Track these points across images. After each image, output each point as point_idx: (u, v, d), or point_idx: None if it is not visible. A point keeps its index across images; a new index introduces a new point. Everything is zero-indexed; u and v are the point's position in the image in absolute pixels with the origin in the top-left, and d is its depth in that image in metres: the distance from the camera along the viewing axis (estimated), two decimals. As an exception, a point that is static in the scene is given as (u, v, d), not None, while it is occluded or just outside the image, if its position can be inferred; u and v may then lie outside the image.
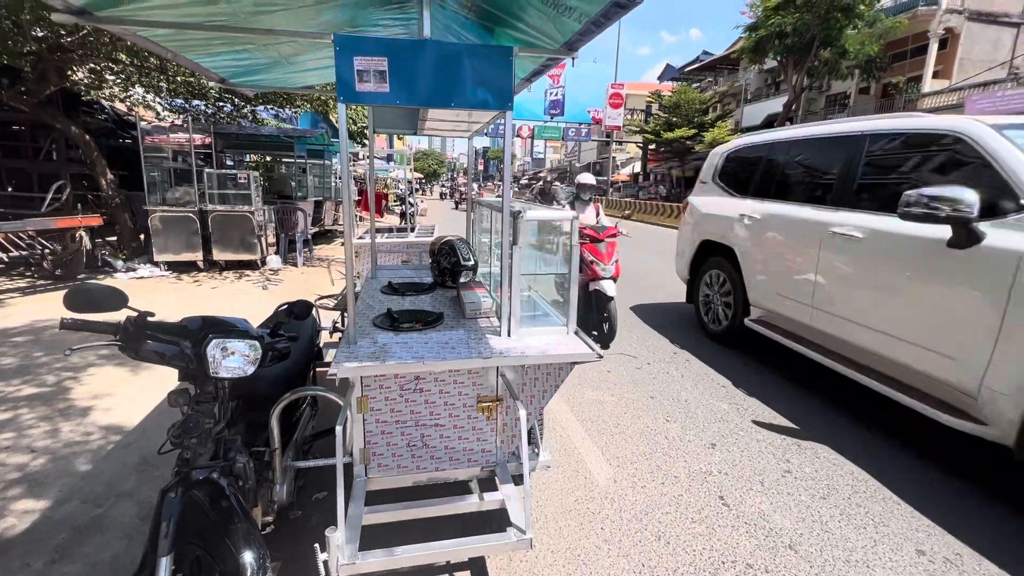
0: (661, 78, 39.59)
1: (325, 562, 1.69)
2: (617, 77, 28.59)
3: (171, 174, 7.43)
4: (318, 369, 3.00)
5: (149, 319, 1.62)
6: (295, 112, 10.21)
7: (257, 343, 1.73)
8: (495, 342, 2.10)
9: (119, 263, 7.15)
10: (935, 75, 20.74)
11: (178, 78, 7.90)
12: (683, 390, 4.02)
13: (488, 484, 2.71)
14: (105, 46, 6.29)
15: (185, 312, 1.67)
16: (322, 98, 8.22)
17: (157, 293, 6.35)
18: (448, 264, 2.98)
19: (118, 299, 1.54)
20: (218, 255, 7.39)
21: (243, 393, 2.18)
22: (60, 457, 2.76)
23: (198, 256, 7.28)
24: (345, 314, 3.69)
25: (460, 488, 2.56)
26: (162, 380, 3.78)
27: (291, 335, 2.04)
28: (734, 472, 2.93)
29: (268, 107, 9.02)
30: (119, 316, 1.59)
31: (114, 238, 7.89)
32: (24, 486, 2.52)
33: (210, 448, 1.70)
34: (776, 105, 24.34)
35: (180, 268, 7.32)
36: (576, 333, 2.21)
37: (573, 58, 1.97)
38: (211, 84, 8.45)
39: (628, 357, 4.71)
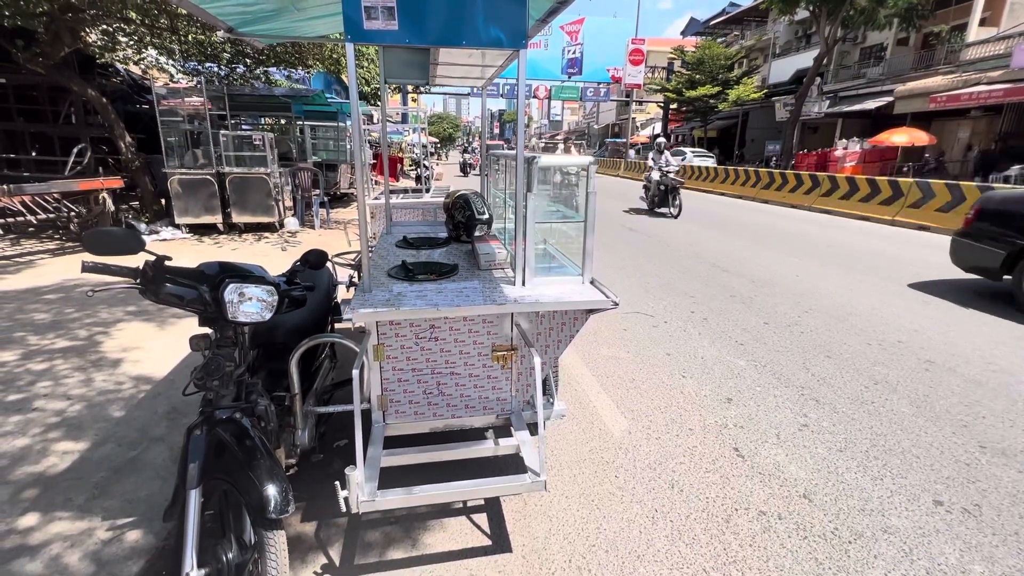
0: (684, 33, 37.80)
1: (345, 498, 1.75)
2: (638, 33, 27.32)
3: (187, 137, 7.44)
4: (336, 324, 3.04)
5: (167, 263, 1.65)
6: (307, 73, 10.04)
7: (273, 288, 1.75)
8: (509, 291, 2.09)
9: (142, 226, 7.28)
10: (982, 23, 19.29)
11: (189, 37, 7.80)
12: (700, 347, 4.00)
13: (503, 432, 2.77)
14: (115, 3, 6.20)
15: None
16: (334, 56, 8.07)
17: (179, 255, 6.45)
18: (463, 218, 2.95)
19: (136, 242, 1.56)
20: (237, 218, 7.47)
21: (263, 342, 2.23)
22: (95, 404, 2.89)
23: (217, 219, 7.36)
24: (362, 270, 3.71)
25: (474, 435, 2.62)
26: (188, 334, 3.89)
27: (307, 284, 2.06)
28: (750, 426, 2.93)
29: (279, 67, 8.90)
30: (138, 261, 1.61)
31: (136, 202, 8.02)
32: (63, 429, 2.65)
33: (232, 390, 1.74)
34: (806, 59, 23.09)
35: (201, 231, 7.43)
36: (592, 283, 2.18)
37: (591, -10, 1.86)
38: (223, 42, 8.38)
39: (645, 316, 4.68)
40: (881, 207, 10.42)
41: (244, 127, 11.03)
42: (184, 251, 6.74)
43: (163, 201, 7.82)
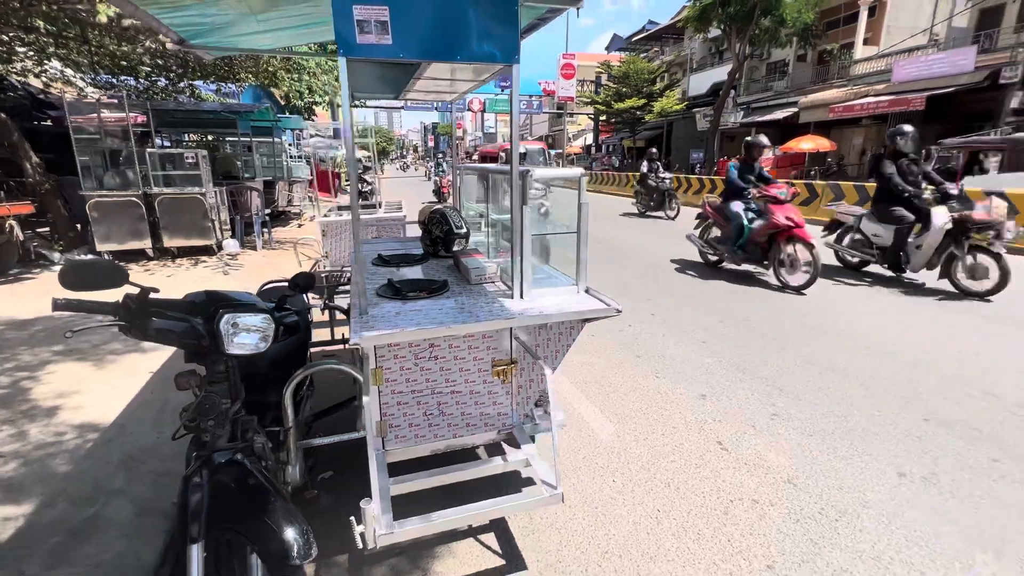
0: (609, 48, 39.63)
1: (362, 534, 1.65)
2: (568, 47, 28.31)
3: (105, 156, 6.79)
4: (312, 348, 2.89)
5: (152, 296, 1.50)
6: (239, 87, 9.51)
7: (269, 316, 1.64)
8: (509, 304, 2.08)
9: (55, 255, 6.54)
10: (865, 42, 21.79)
11: (103, 49, 7.15)
12: (667, 348, 4.16)
13: (496, 449, 2.74)
14: (16, 12, 5.59)
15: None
16: (269, 70, 7.70)
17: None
18: (441, 233, 2.91)
19: (119, 275, 1.41)
20: (168, 242, 6.88)
21: (245, 373, 2.07)
22: (33, 460, 2.55)
23: (146, 244, 6.75)
24: (337, 291, 3.55)
25: (469, 455, 2.57)
26: (132, 373, 3.54)
27: (296, 310, 1.95)
28: (727, 419, 3.08)
29: (208, 81, 8.36)
30: (114, 295, 1.46)
31: (46, 228, 7.19)
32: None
33: (227, 430, 1.61)
34: (721, 74, 24.91)
35: (127, 257, 6.78)
36: (587, 291, 2.22)
37: (578, 8, 1.92)
38: (142, 53, 7.76)
39: (611, 320, 4.80)
40: (801, 207, 11.38)
41: (164, 144, 10.27)
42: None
43: (79, 227, 7.08)
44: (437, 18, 1.76)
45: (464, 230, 2.89)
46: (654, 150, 13.35)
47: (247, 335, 1.61)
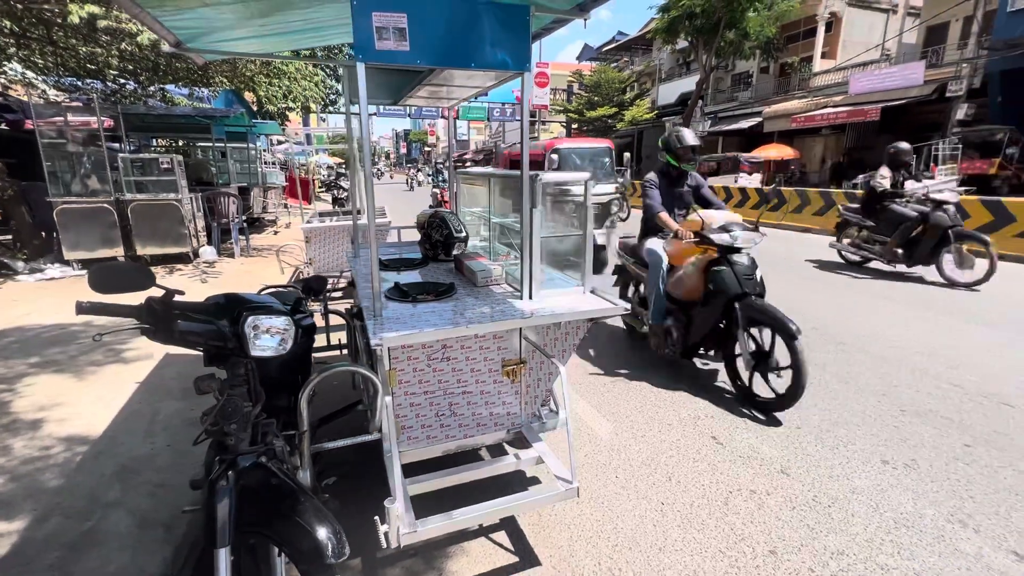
0: (580, 58, 40.31)
1: (386, 533, 1.67)
2: (541, 56, 28.72)
3: (73, 161, 6.53)
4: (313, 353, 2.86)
5: (176, 299, 1.49)
6: (212, 92, 9.27)
7: (290, 319, 1.65)
8: (520, 304, 2.13)
9: (19, 264, 6.24)
10: (823, 56, 22.88)
11: (68, 51, 6.89)
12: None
13: (497, 450, 2.78)
14: (-23, 11, 5.35)
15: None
16: (246, 74, 7.56)
17: (77, 296, 5.62)
18: (441, 237, 2.94)
19: (146, 277, 1.40)
20: (142, 249, 6.65)
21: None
22: (21, 475, 2.44)
23: (118, 251, 6.51)
24: (331, 297, 3.52)
25: (474, 455, 2.60)
26: (116, 383, 3.42)
27: (311, 312, 1.95)
28: (719, 414, 3.19)
29: (180, 84, 8.14)
30: (137, 298, 1.44)
31: (8, 236, 6.85)
32: (-15, 510, 2.22)
33: (249, 433, 1.60)
34: (689, 84, 25.67)
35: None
36: (593, 291, 2.29)
37: (585, 19, 2.00)
38: (112, 59, 7.51)
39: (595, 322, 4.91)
40: (769, 213, 11.83)
41: (132, 148, 9.92)
42: (79, 290, 5.88)
43: (44, 234, 6.76)
44: (453, 26, 1.81)
45: (464, 234, 2.93)
46: (904, 145, 6.21)
47: (268, 337, 1.61)
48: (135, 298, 1.44)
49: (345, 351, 3.30)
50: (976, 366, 3.77)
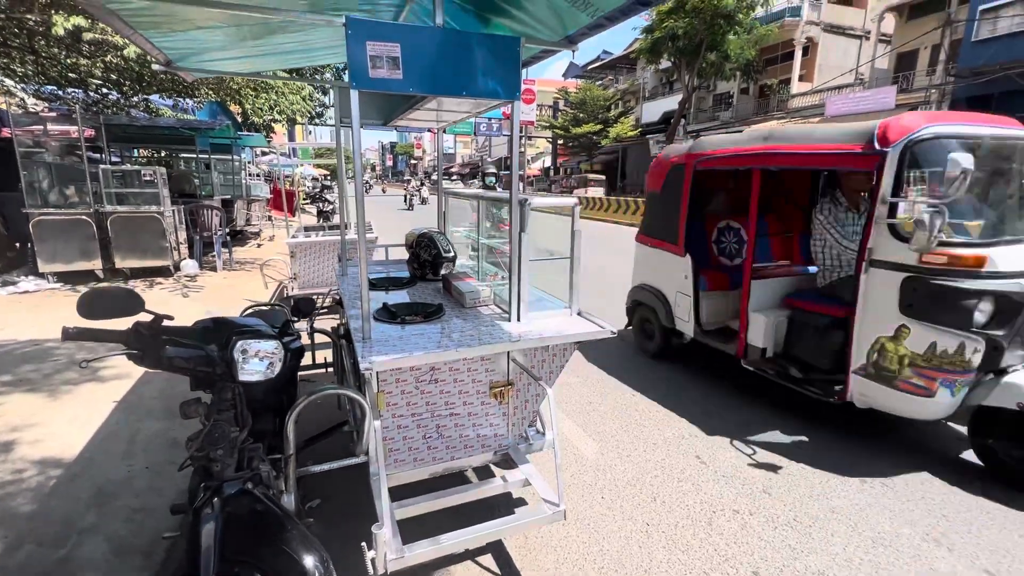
0: (566, 75, 40.85)
1: (373, 560, 1.65)
2: (528, 73, 29.16)
3: (52, 172, 6.39)
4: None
5: (165, 323, 1.48)
6: (197, 103, 9.21)
7: (280, 343, 1.65)
8: (508, 327, 2.15)
9: (-10, 277, 6.06)
10: (800, 79, 23.67)
11: (51, 60, 6.79)
12: (639, 367, 4.32)
13: (484, 472, 2.77)
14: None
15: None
16: (233, 87, 7.54)
17: (52, 310, 5.49)
18: (429, 256, 2.96)
19: (135, 302, 1.39)
20: (121, 262, 6.52)
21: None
22: (-10, 500, 2.37)
23: (96, 264, 6.36)
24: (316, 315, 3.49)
25: (460, 478, 2.59)
26: (92, 403, 3.33)
27: (298, 334, 1.95)
28: (702, 434, 3.24)
29: (164, 95, 8.07)
30: (124, 323, 1.43)
31: (-19, 248, 6.66)
32: (-48, 538, 2.14)
33: (235, 459, 1.59)
34: (672, 103, 26.26)
35: (75, 279, 6.36)
36: (579, 314, 2.32)
37: (573, 51, 2.06)
38: (95, 70, 7.42)
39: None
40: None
41: (114, 160, 9.78)
42: (56, 304, 5.72)
43: (19, 246, 6.59)
44: (445, 56, 1.85)
45: (452, 254, 2.95)
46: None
47: (257, 361, 1.61)
48: (122, 322, 1.43)
49: (331, 370, 3.28)
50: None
